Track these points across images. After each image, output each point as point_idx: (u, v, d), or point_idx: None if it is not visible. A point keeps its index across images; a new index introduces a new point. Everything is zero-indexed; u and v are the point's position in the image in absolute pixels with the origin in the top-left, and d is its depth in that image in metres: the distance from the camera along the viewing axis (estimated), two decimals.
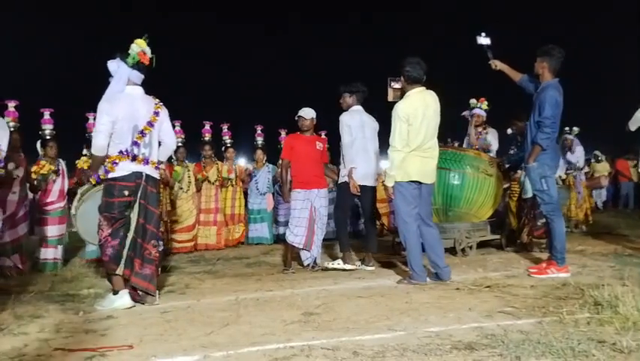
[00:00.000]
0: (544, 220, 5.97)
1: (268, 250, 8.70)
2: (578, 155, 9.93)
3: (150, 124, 4.78)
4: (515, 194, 7.83)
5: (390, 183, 5.28)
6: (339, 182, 6.54)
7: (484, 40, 6.00)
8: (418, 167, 5.21)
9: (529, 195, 6.90)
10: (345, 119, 6.35)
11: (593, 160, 16.21)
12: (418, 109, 5.17)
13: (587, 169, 15.54)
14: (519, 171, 7.50)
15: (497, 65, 5.91)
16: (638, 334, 3.23)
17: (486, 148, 7.96)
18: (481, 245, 7.46)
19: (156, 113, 4.84)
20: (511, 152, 8.01)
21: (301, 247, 6.41)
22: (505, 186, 7.72)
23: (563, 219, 5.65)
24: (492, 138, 8.13)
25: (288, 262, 6.50)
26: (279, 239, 9.51)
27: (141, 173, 4.72)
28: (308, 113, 6.55)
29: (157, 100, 4.94)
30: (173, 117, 8.69)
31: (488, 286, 4.87)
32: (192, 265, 7.31)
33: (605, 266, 5.84)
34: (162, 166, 8.00)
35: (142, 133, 4.73)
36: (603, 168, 16.11)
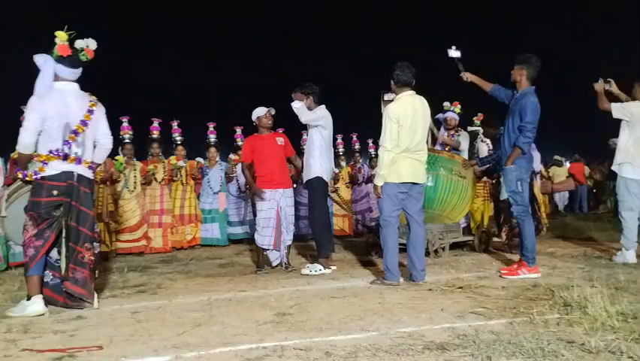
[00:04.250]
0: None
1: (241, 250, 8.65)
2: (535, 159, 10.05)
3: (84, 123, 4.51)
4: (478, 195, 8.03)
5: (379, 183, 5.33)
6: (307, 179, 6.41)
7: (454, 53, 6.22)
8: (409, 168, 5.30)
9: (505, 196, 6.99)
10: (323, 113, 6.37)
11: (554, 165, 16.42)
12: (408, 111, 5.26)
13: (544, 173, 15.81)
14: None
15: (468, 77, 6.13)
16: (607, 334, 3.29)
17: (456, 147, 8.21)
18: (454, 246, 7.52)
19: (90, 112, 4.55)
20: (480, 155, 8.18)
21: (270, 248, 6.37)
22: None
23: (532, 220, 5.75)
24: (463, 139, 8.34)
25: (260, 263, 6.46)
26: (231, 240, 9.38)
27: (72, 173, 4.46)
28: (262, 111, 6.53)
29: (93, 97, 4.66)
30: (121, 113, 8.33)
31: (460, 287, 4.91)
32: (164, 265, 7.23)
33: (574, 268, 5.93)
34: (101, 167, 7.76)
35: (75, 133, 4.46)
36: (564, 172, 16.35)
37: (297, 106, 6.36)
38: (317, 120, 6.33)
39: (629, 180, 6.36)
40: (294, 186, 7.41)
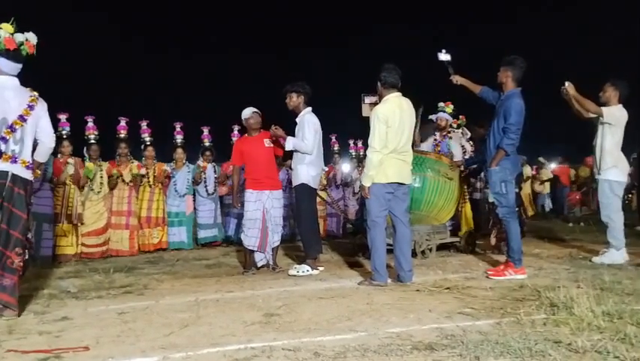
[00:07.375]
0: None
1: (228, 251, 8.62)
2: None
3: (22, 118, 4.28)
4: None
5: (367, 183, 5.34)
6: (294, 184, 6.41)
7: (444, 56, 6.28)
8: (396, 169, 5.33)
9: (492, 198, 7.01)
10: (313, 120, 6.33)
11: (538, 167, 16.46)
12: (396, 112, 5.29)
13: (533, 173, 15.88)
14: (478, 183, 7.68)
15: (458, 79, 6.19)
16: (593, 334, 3.31)
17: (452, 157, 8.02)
18: (441, 247, 7.55)
19: (30, 107, 4.33)
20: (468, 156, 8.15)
21: (256, 249, 6.36)
22: None
23: (517, 221, 5.79)
24: (454, 143, 8.22)
25: (247, 264, 6.44)
26: (200, 243, 9.32)
27: (6, 172, 4.21)
28: (247, 113, 6.54)
29: (34, 92, 4.43)
30: (86, 112, 8.17)
31: (448, 288, 4.93)
32: (151, 265, 7.19)
33: (560, 269, 5.97)
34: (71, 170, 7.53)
35: (11, 128, 4.24)
36: (545, 174, 16.38)
37: (290, 147, 6.30)
38: (314, 145, 6.27)
39: (614, 182, 6.40)
40: None
